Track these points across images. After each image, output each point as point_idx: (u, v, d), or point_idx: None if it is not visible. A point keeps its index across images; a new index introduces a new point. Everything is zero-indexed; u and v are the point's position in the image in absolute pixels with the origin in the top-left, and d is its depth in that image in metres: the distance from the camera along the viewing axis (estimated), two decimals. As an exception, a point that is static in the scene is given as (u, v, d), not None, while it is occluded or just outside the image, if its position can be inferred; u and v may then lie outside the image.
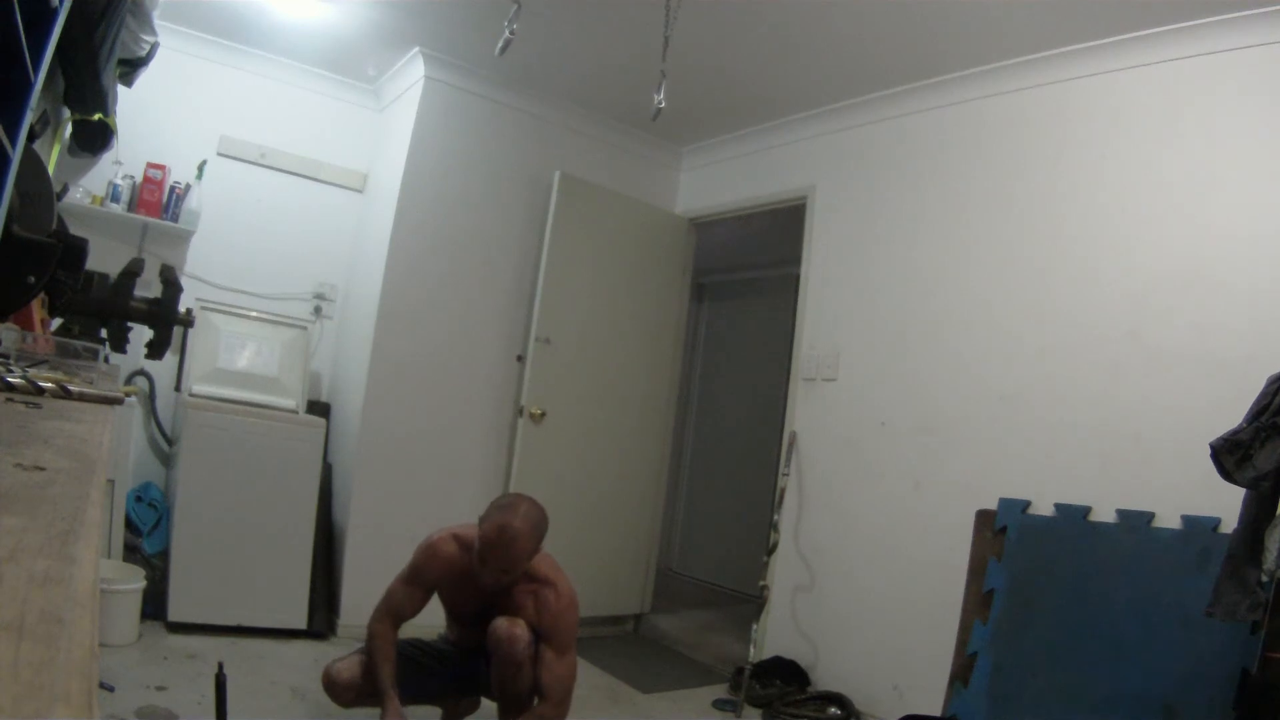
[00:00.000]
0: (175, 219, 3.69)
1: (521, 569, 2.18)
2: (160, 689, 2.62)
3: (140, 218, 3.61)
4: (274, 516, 3.44)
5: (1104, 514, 2.69)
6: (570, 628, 2.31)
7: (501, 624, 2.24)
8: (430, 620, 2.54)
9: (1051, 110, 3.09)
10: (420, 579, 2.37)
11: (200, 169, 3.80)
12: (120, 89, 2.82)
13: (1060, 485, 2.80)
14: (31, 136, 1.23)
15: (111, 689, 2.51)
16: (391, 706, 2.20)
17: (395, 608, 2.35)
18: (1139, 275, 2.77)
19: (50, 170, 1.77)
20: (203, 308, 3.62)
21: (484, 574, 2.19)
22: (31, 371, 1.10)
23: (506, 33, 2.26)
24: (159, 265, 2.47)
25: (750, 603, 4.13)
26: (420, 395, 3.79)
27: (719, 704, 3.35)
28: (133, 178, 3.62)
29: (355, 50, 3.82)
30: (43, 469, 0.60)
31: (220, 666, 2.03)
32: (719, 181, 4.46)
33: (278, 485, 3.46)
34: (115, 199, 3.56)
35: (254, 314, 3.81)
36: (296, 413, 3.67)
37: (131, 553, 3.33)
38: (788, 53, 3.38)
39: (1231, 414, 2.07)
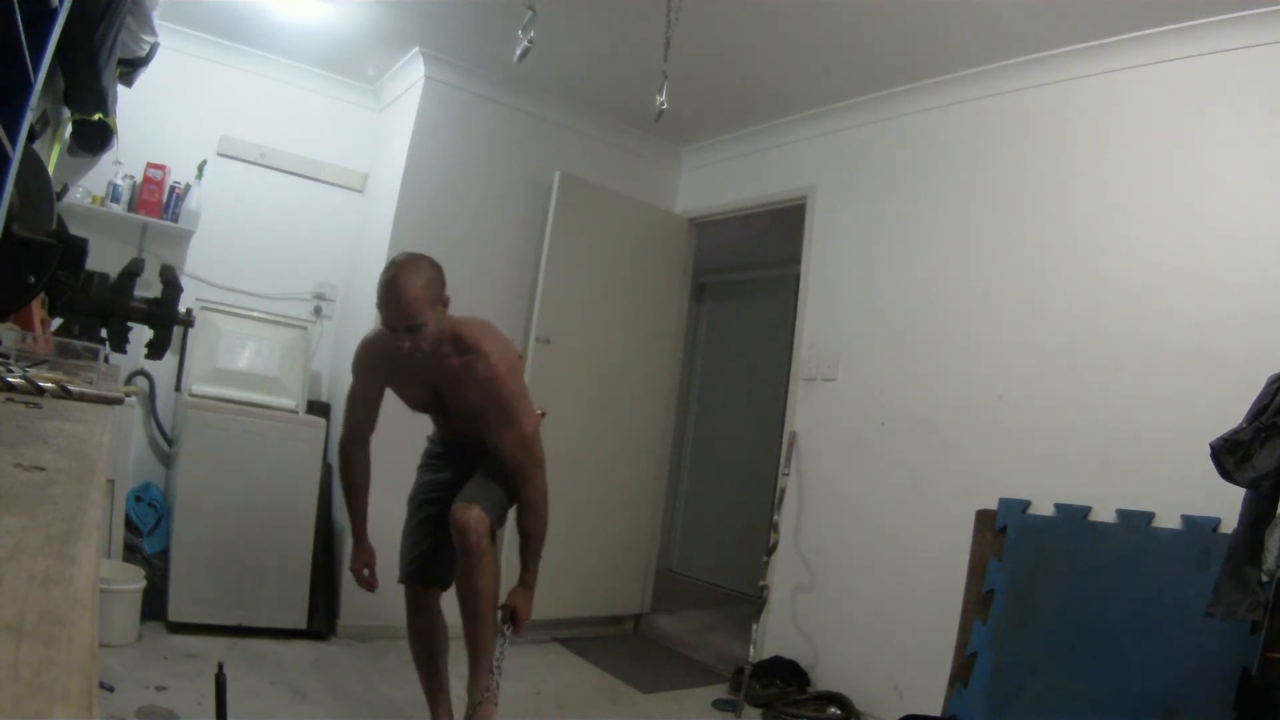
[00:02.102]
0: (175, 219, 3.69)
1: (423, 317, 2.10)
2: (160, 689, 2.62)
3: (140, 218, 3.61)
4: (274, 516, 3.44)
5: (1104, 514, 2.69)
6: (507, 393, 2.22)
7: (456, 510, 2.21)
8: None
9: (1051, 110, 3.09)
10: (361, 376, 2.43)
11: (200, 169, 3.80)
12: (120, 89, 2.81)
13: (1060, 485, 2.80)
14: (31, 136, 1.23)
15: (111, 689, 2.51)
16: (361, 545, 2.38)
17: (352, 422, 2.43)
18: (1139, 275, 2.77)
19: (50, 170, 1.77)
20: (203, 308, 3.62)
21: (400, 340, 2.13)
22: (31, 371, 1.10)
23: (525, 41, 2.26)
24: (159, 265, 2.46)
25: (750, 603, 4.13)
26: (420, 395, 3.79)
27: (719, 704, 3.35)
28: (133, 178, 3.62)
29: (355, 50, 3.82)
30: (43, 469, 0.60)
31: (220, 666, 2.03)
32: (719, 181, 4.46)
33: (278, 485, 3.47)
34: (115, 199, 3.56)
35: (254, 314, 3.81)
36: (296, 413, 3.67)
37: (131, 553, 3.33)
38: (788, 53, 3.38)
39: (1231, 414, 2.06)
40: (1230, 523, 2.12)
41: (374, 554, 2.48)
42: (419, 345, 2.13)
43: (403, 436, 2.79)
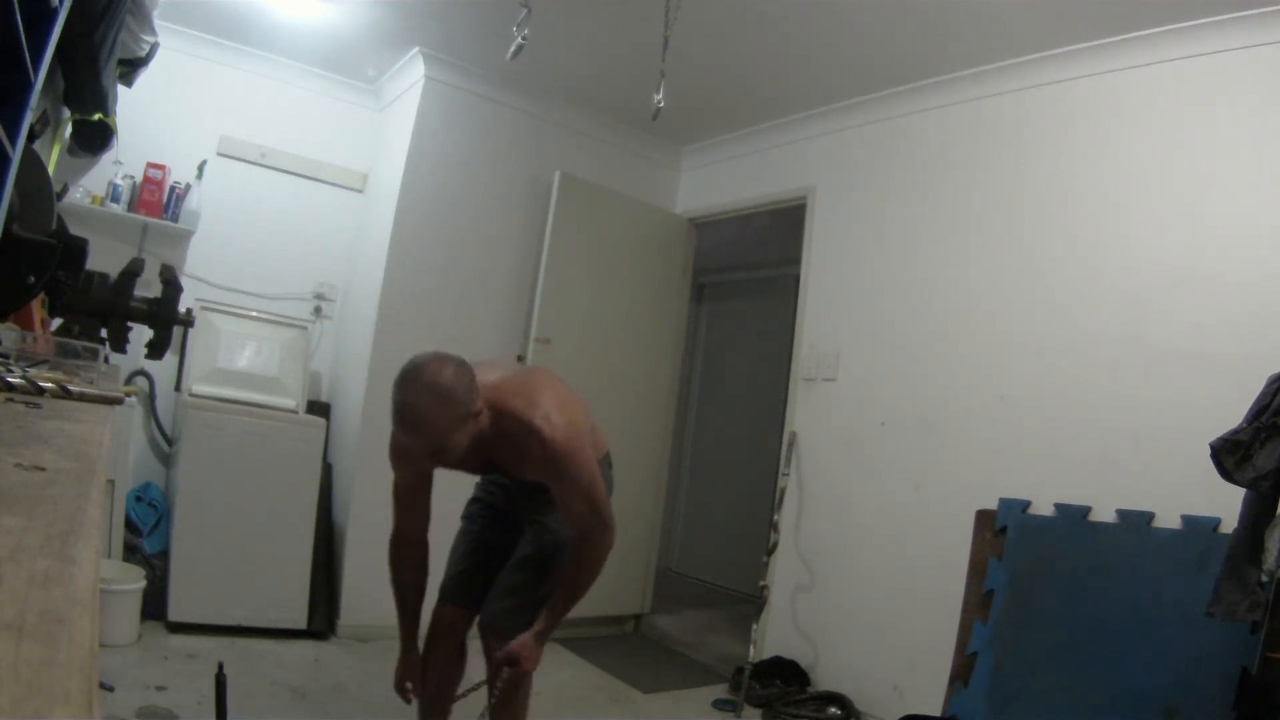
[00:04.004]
0: (175, 219, 3.69)
1: (452, 441, 1.76)
2: (160, 689, 2.62)
3: (140, 218, 3.61)
4: (274, 516, 3.44)
5: (1104, 514, 2.69)
6: (570, 473, 1.90)
7: (484, 633, 2.10)
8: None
9: (1052, 110, 3.09)
10: (403, 470, 2.07)
11: (200, 169, 3.80)
12: (120, 89, 2.82)
13: (1060, 485, 2.80)
14: (31, 136, 1.23)
15: (111, 689, 2.51)
16: (408, 652, 2.10)
17: (402, 521, 2.10)
18: (1139, 275, 2.77)
19: (50, 170, 1.77)
20: (203, 308, 3.62)
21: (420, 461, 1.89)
22: (31, 371, 1.10)
23: (519, 39, 2.25)
24: (159, 265, 2.46)
25: (750, 603, 4.13)
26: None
27: (719, 704, 3.35)
28: (133, 178, 3.62)
29: (355, 50, 3.82)
30: (43, 469, 0.60)
31: (220, 666, 2.02)
32: (719, 181, 4.46)
33: (278, 485, 3.46)
34: (115, 199, 3.56)
35: (254, 314, 3.81)
36: (296, 413, 3.66)
37: (131, 553, 3.33)
38: (787, 53, 3.38)
39: (1231, 414, 2.06)
40: (1230, 523, 2.12)
41: (419, 663, 2.15)
42: (446, 462, 1.87)
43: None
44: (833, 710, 3.19)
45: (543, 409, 1.89)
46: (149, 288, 2.21)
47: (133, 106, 3.20)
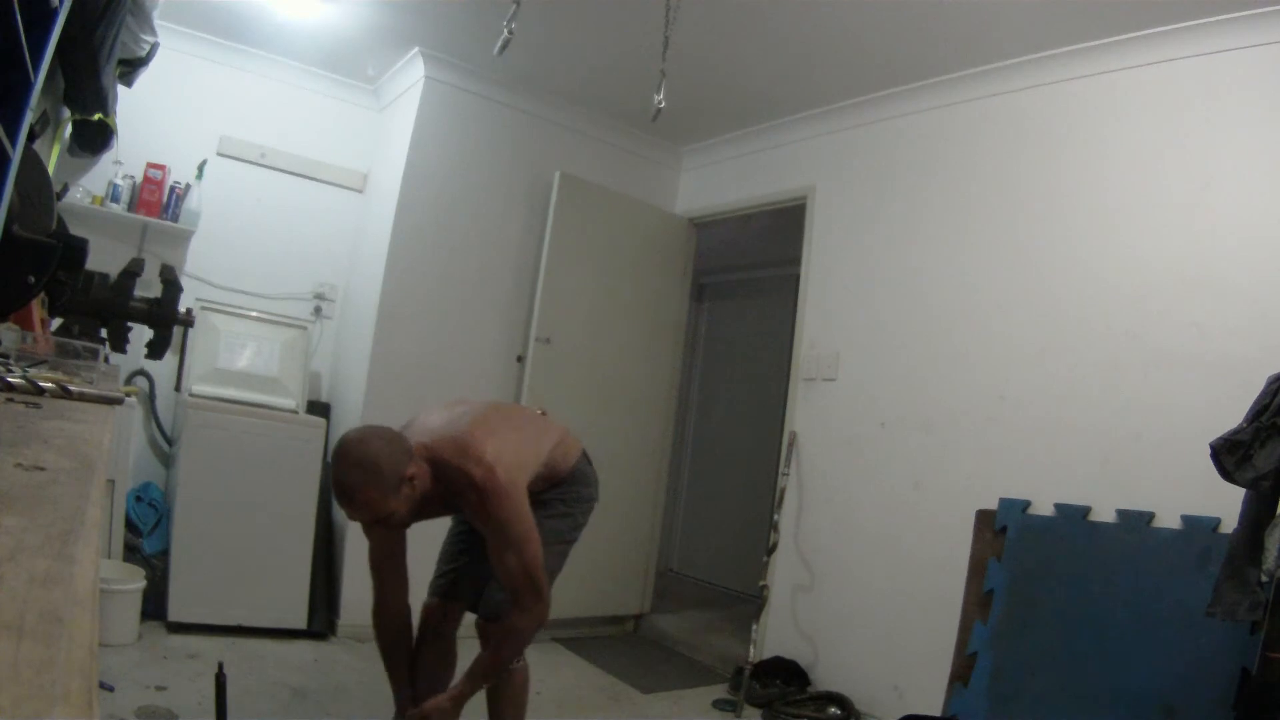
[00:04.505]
0: (175, 219, 3.69)
1: (386, 511, 1.84)
2: (160, 689, 2.62)
3: (140, 218, 3.61)
4: (274, 516, 3.44)
5: (1104, 514, 2.69)
6: (502, 523, 1.93)
7: (480, 625, 2.13)
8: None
9: (1051, 110, 3.09)
10: (373, 534, 2.12)
11: (200, 169, 3.80)
12: (120, 89, 2.82)
13: (1060, 485, 2.80)
14: (31, 136, 1.23)
15: (111, 689, 2.51)
16: (401, 705, 2.11)
17: (381, 589, 2.14)
18: (1139, 275, 2.77)
19: (50, 170, 1.77)
20: (203, 308, 3.62)
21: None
22: (31, 371, 1.10)
23: (505, 32, 2.26)
24: (159, 265, 2.47)
25: (750, 603, 4.13)
26: (420, 395, 3.77)
27: (719, 704, 3.35)
28: (133, 178, 3.62)
29: (355, 50, 3.82)
30: (43, 469, 0.60)
31: (220, 666, 2.02)
32: (719, 181, 4.46)
33: (278, 485, 3.46)
34: (115, 199, 3.56)
35: (254, 314, 3.81)
36: (296, 413, 3.66)
37: (131, 553, 3.33)
38: (788, 53, 3.38)
39: (1231, 414, 2.07)
40: (1230, 523, 2.12)
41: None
42: (389, 525, 1.93)
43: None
44: (833, 710, 3.19)
45: (474, 454, 1.92)
46: (149, 288, 2.22)
47: (133, 106, 3.20)
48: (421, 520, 2.05)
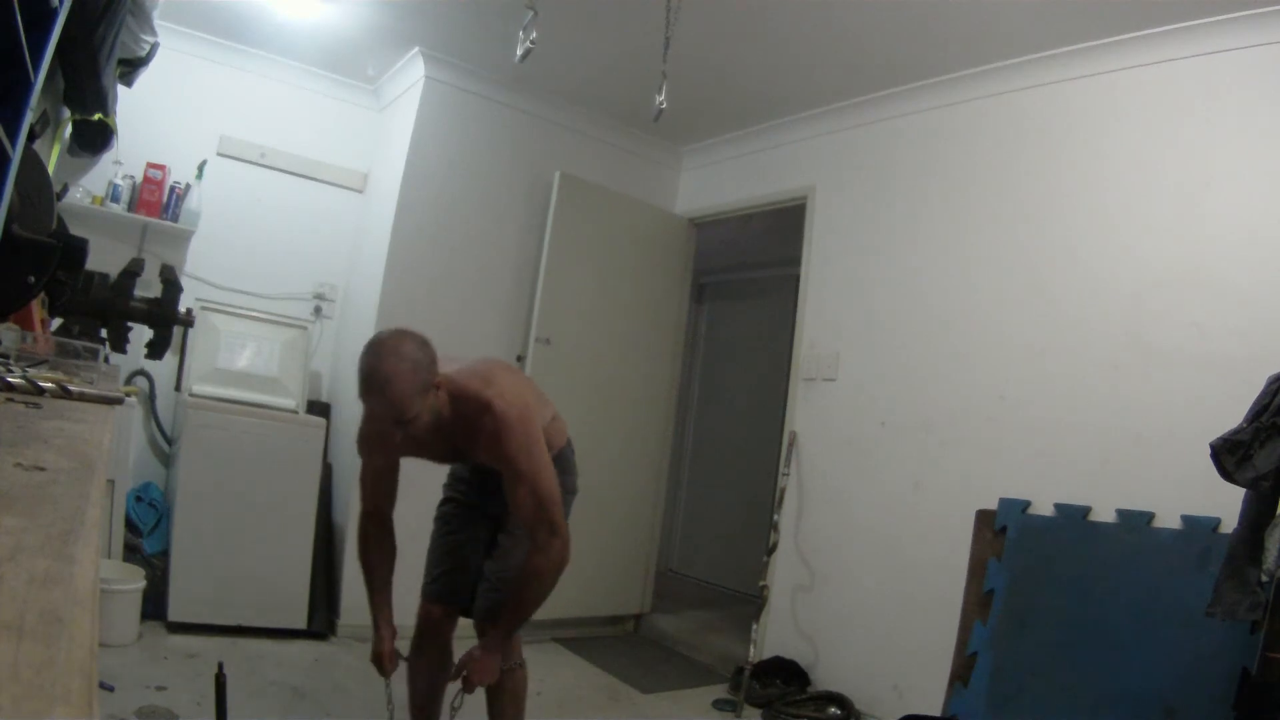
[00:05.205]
0: (175, 219, 3.69)
1: (412, 411, 1.80)
2: (160, 689, 2.62)
3: (140, 218, 3.61)
4: (274, 517, 3.44)
5: (1104, 514, 2.69)
6: (518, 450, 1.93)
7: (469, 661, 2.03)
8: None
9: (1051, 110, 3.09)
10: (369, 456, 2.12)
11: (200, 169, 3.80)
12: (120, 89, 2.81)
13: (1060, 485, 2.80)
14: (31, 136, 1.23)
15: (111, 689, 2.51)
16: (379, 631, 2.08)
17: (369, 500, 2.12)
18: (1139, 275, 2.77)
19: (50, 170, 1.77)
20: (203, 308, 3.62)
21: (391, 431, 1.89)
22: (31, 371, 1.10)
23: (526, 42, 2.25)
24: (159, 265, 2.47)
25: (750, 603, 4.13)
26: (420, 395, 3.79)
27: (719, 704, 3.35)
28: (133, 178, 3.62)
29: (355, 50, 3.82)
30: (43, 469, 0.60)
31: (220, 666, 2.03)
32: (719, 181, 4.46)
33: (278, 485, 3.47)
34: (115, 199, 3.56)
35: (254, 314, 3.81)
36: (296, 413, 3.66)
37: (131, 553, 3.33)
38: (788, 53, 3.38)
39: (1231, 414, 2.07)
40: (1230, 523, 2.12)
41: (395, 636, 2.14)
42: (411, 433, 1.87)
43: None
44: (833, 710, 3.19)
45: (497, 388, 1.96)
46: (149, 288, 2.22)
47: (133, 106, 3.20)
48: (422, 457, 2.10)
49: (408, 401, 1.79)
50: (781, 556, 3.64)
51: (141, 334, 2.14)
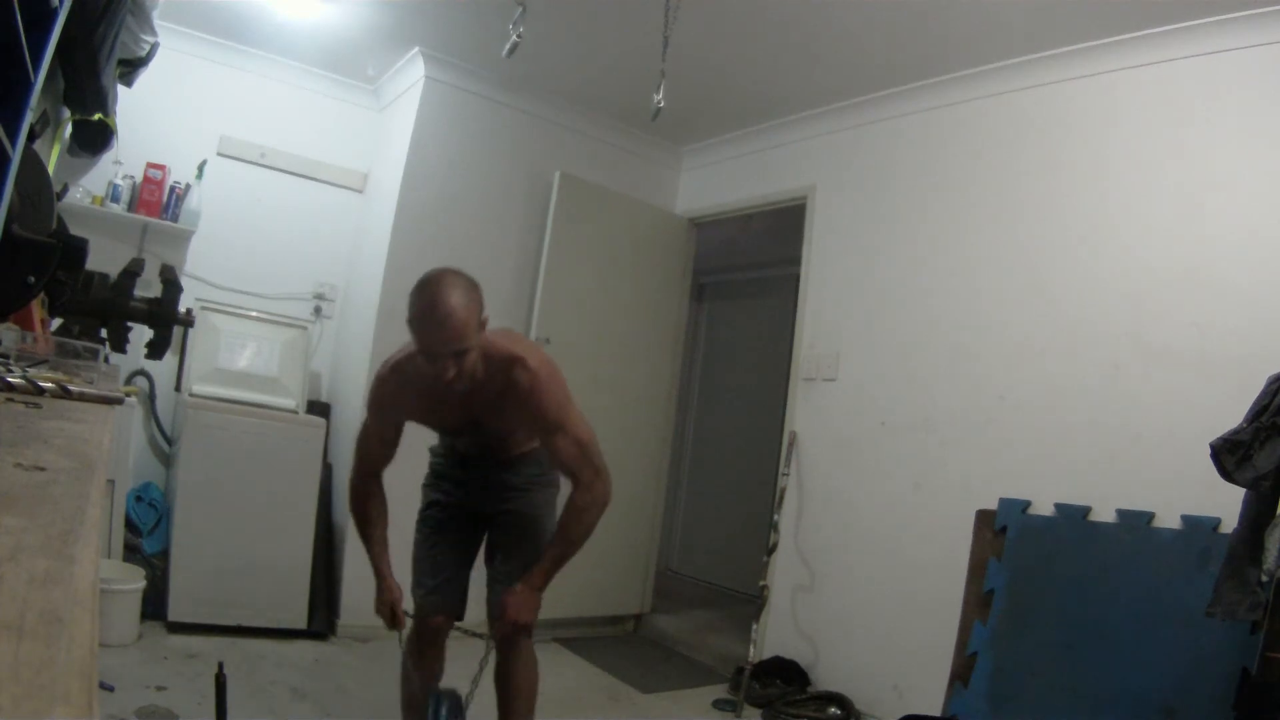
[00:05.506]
0: (175, 219, 3.69)
1: (471, 340, 1.84)
2: (160, 689, 2.62)
3: (140, 218, 3.61)
4: (274, 516, 3.44)
5: (1104, 514, 2.69)
6: (555, 401, 2.01)
7: (499, 609, 2.07)
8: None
9: (1051, 110, 3.09)
10: (381, 413, 2.12)
11: (200, 169, 3.80)
12: (120, 89, 2.81)
13: (1060, 485, 2.80)
14: (31, 136, 1.23)
15: (111, 689, 2.51)
16: (385, 582, 2.11)
17: (365, 459, 2.15)
18: (1139, 275, 2.77)
19: (50, 170, 1.77)
20: (203, 308, 3.62)
21: (438, 369, 1.86)
22: (31, 371, 1.10)
23: (514, 36, 2.26)
24: (159, 265, 2.47)
25: (750, 603, 4.13)
26: (420, 395, 3.79)
27: (719, 704, 3.35)
28: (133, 178, 3.62)
29: (355, 50, 3.82)
30: (43, 469, 0.60)
31: (220, 666, 2.03)
32: (719, 181, 4.46)
33: (278, 485, 3.47)
34: (115, 199, 3.56)
35: (254, 314, 3.81)
36: (296, 413, 3.67)
37: (131, 553, 3.33)
38: (788, 53, 3.38)
39: (1231, 414, 2.07)
40: (1230, 523, 2.12)
41: (401, 591, 2.16)
42: (462, 373, 1.87)
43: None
44: (833, 710, 3.19)
45: (524, 346, 2.08)
46: (149, 288, 2.21)
47: (133, 106, 3.20)
48: (436, 421, 2.18)
49: (469, 331, 1.84)
50: (781, 556, 3.64)
51: (141, 334, 2.14)
